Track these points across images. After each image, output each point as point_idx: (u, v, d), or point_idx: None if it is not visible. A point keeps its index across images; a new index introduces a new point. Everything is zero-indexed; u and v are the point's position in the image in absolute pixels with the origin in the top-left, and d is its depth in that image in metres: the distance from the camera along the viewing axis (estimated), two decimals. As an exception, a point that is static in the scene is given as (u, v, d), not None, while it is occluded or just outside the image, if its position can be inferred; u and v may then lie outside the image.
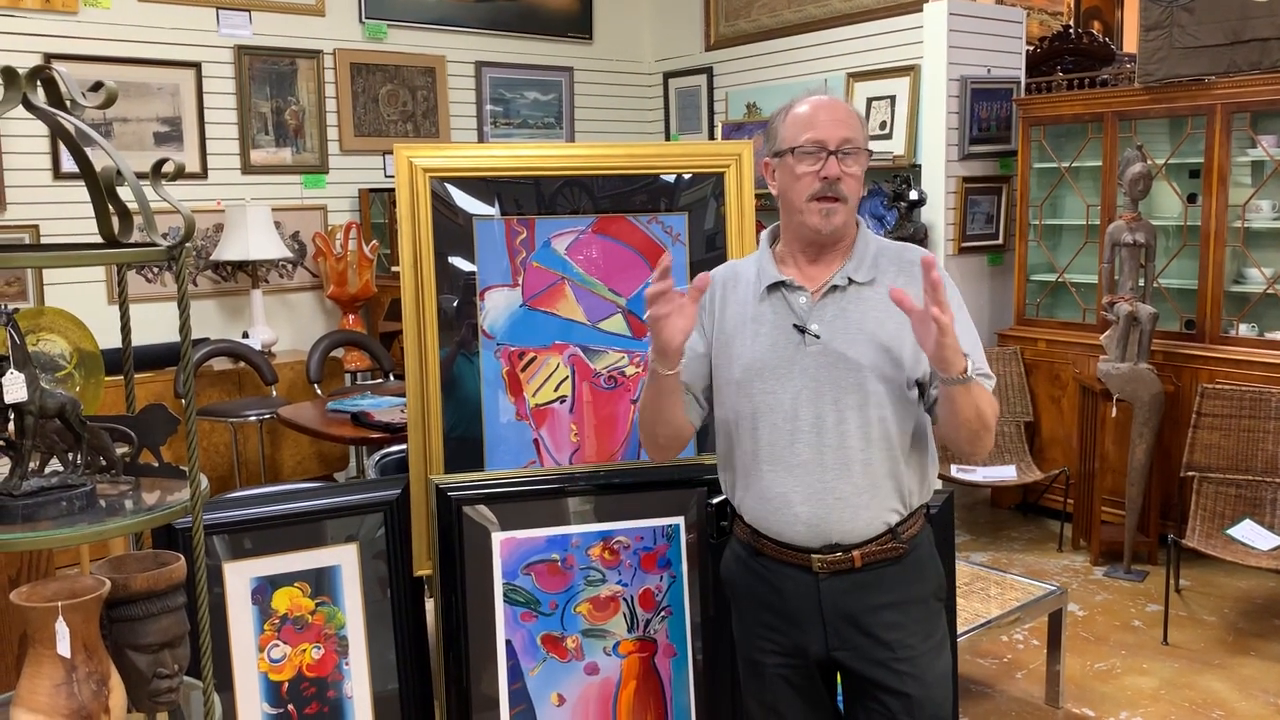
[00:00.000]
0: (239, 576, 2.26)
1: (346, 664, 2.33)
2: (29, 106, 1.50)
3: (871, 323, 1.88)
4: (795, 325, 1.89)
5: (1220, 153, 4.31)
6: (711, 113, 6.49)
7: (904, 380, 1.88)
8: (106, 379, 3.12)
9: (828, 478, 1.86)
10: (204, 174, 5.27)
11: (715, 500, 2.16)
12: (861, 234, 1.96)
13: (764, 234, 2.03)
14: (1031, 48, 5.52)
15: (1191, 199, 4.54)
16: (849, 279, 1.90)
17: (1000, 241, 5.37)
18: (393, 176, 2.39)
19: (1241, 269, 4.47)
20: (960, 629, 2.98)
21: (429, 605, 2.47)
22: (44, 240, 4.76)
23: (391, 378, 5.18)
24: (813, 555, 1.89)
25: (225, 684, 2.19)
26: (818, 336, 1.87)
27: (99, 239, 1.60)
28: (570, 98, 6.56)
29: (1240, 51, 4.20)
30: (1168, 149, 4.63)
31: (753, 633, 2.00)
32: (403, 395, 2.74)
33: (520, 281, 2.45)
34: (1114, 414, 4.41)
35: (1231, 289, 4.44)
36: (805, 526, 1.88)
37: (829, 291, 1.90)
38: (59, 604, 1.46)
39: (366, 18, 5.74)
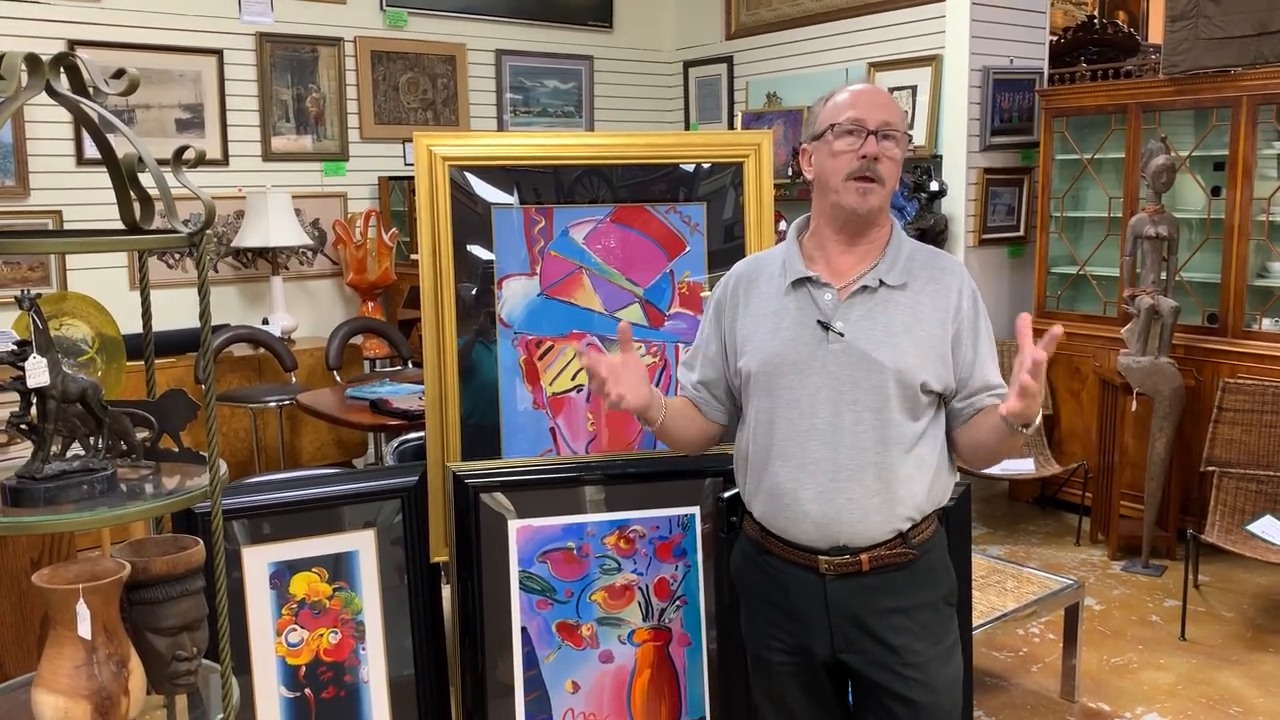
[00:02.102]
0: (257, 561, 2.27)
1: (363, 649, 2.35)
2: (52, 93, 1.51)
3: (899, 327, 1.85)
4: (819, 321, 1.86)
5: (1245, 145, 4.26)
6: (731, 102, 6.47)
7: (926, 388, 1.84)
8: (128, 364, 3.14)
9: (840, 478, 1.84)
10: (225, 161, 5.30)
11: (727, 494, 2.16)
12: (896, 234, 1.93)
13: (793, 226, 2.00)
14: (1055, 38, 5.48)
15: (1215, 192, 4.50)
16: (880, 280, 1.87)
17: (1021, 233, 5.34)
18: (412, 164, 2.39)
19: (1265, 263, 4.43)
20: (976, 622, 2.97)
21: (445, 592, 2.48)
22: (67, 226, 4.79)
23: (410, 365, 5.20)
24: (820, 556, 1.87)
25: (243, 667, 2.21)
26: (841, 334, 1.84)
27: (121, 225, 1.61)
28: (590, 86, 6.55)
29: (1267, 43, 4.15)
30: (1192, 141, 4.59)
31: (760, 629, 1.99)
32: (421, 383, 2.75)
33: (538, 270, 2.45)
34: (1134, 408, 4.38)
35: (1255, 283, 4.40)
36: (814, 526, 1.86)
37: (858, 291, 1.86)
38: (80, 586, 1.47)
39: (387, 5, 5.74)
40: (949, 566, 1.98)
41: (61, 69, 1.52)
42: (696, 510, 2.43)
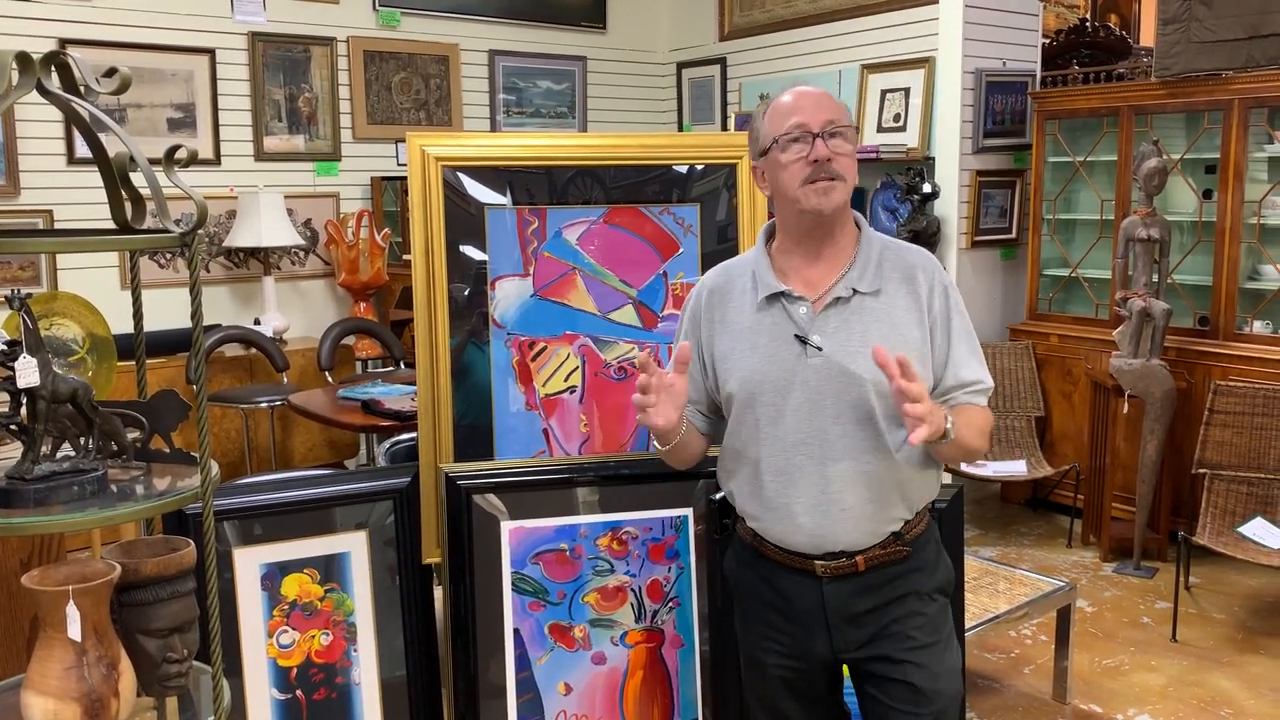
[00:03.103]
0: (249, 562, 2.26)
1: (355, 650, 2.34)
2: (43, 92, 1.50)
3: (875, 335, 1.83)
4: (797, 336, 1.84)
5: (1237, 148, 4.28)
6: (725, 103, 6.47)
7: None
8: (119, 364, 3.13)
9: (831, 490, 1.83)
10: (217, 160, 5.28)
11: (718, 496, 2.15)
12: (864, 236, 1.90)
13: (760, 232, 1.98)
14: (1048, 40, 5.49)
15: (1207, 195, 4.51)
16: (853, 289, 1.85)
17: (1013, 235, 5.35)
18: (405, 165, 2.39)
19: (1256, 265, 4.44)
20: (969, 624, 2.97)
21: (437, 593, 2.48)
22: (57, 225, 4.77)
23: (402, 366, 5.19)
24: (816, 561, 1.87)
25: (234, 669, 2.20)
26: (820, 349, 1.83)
27: (112, 224, 1.61)
28: (583, 87, 6.55)
29: (1259, 46, 4.16)
30: (1184, 144, 4.60)
31: (756, 632, 1.99)
32: (413, 383, 2.75)
33: (531, 271, 2.44)
34: (1126, 410, 4.39)
35: (1246, 285, 4.41)
36: (808, 536, 1.86)
37: (832, 303, 1.84)
38: (70, 588, 1.46)
39: (380, 5, 5.73)
40: (945, 558, 1.99)
41: (53, 67, 1.51)
42: (689, 512, 2.43)
